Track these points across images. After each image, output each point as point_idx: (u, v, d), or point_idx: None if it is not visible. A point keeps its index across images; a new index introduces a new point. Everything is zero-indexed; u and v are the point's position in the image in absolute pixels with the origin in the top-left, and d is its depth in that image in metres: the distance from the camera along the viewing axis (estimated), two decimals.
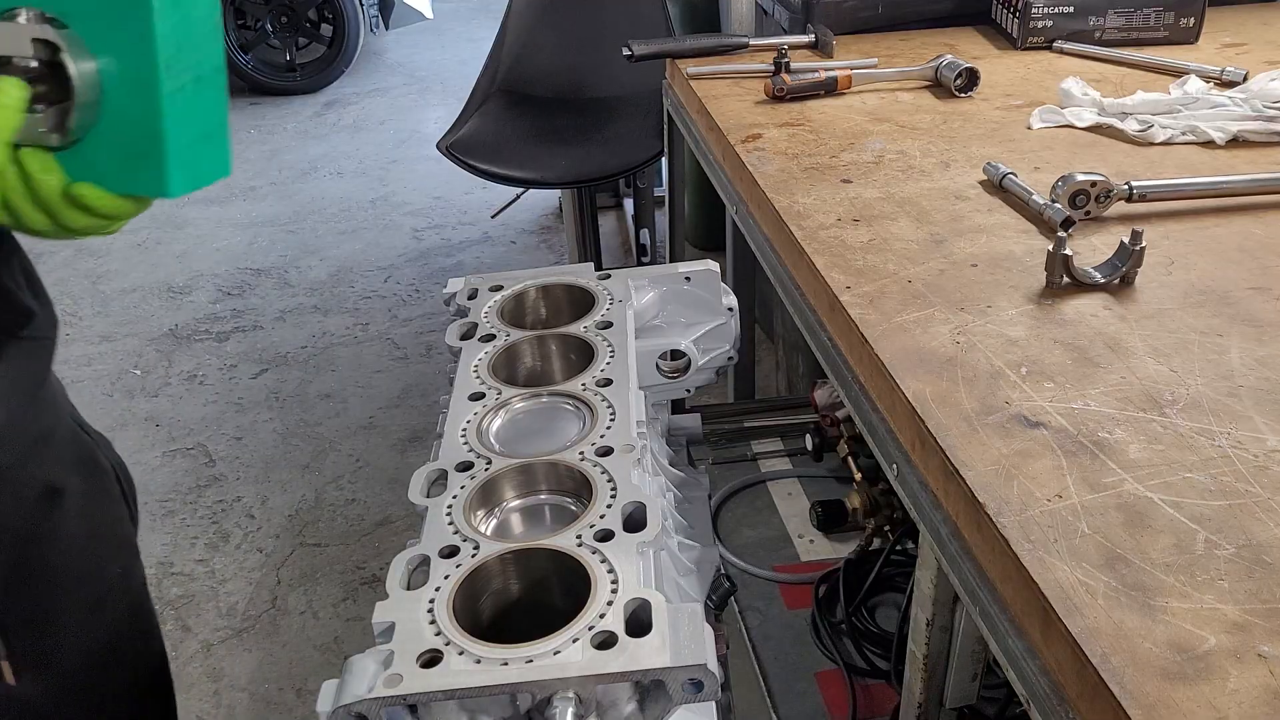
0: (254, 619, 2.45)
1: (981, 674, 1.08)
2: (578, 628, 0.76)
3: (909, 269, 1.22)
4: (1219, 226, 1.29)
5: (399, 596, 0.82)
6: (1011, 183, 1.38)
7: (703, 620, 0.77)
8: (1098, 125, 1.59)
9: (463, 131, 2.88)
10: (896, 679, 1.66)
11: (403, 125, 5.52)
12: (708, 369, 1.30)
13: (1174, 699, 0.68)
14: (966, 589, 0.89)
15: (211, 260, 4.06)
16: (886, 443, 1.05)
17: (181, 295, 3.83)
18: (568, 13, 3.11)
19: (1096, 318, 1.11)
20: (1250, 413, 0.94)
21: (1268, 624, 0.73)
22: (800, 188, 1.45)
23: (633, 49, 2.01)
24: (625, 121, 2.91)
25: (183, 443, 3.01)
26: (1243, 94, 1.60)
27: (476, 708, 0.75)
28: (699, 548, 1.13)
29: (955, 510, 0.92)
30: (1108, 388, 0.99)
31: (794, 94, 1.76)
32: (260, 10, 5.89)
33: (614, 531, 0.86)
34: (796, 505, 2.15)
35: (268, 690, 2.26)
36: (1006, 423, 0.95)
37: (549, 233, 4.22)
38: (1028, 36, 1.95)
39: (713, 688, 0.73)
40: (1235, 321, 1.08)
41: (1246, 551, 0.79)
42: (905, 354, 1.06)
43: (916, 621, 1.06)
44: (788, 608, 1.89)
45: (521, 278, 1.26)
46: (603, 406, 1.03)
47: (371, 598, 2.46)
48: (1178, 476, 0.87)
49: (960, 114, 1.69)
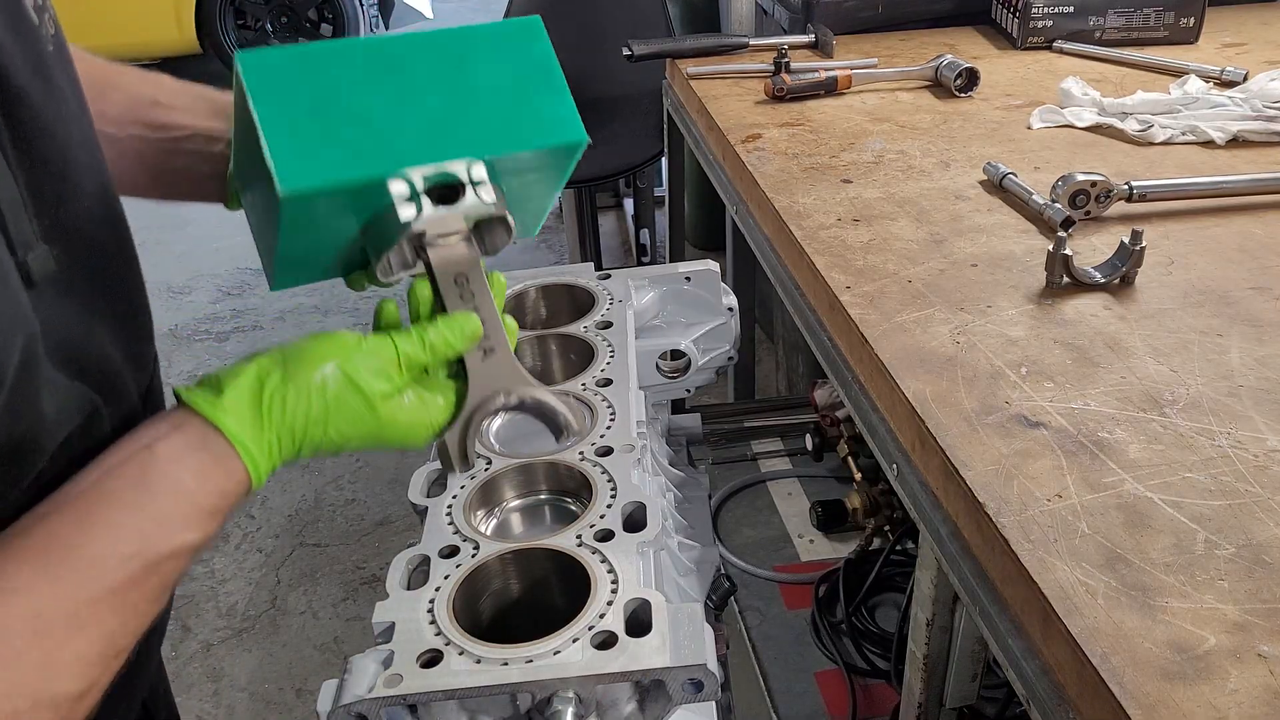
0: (254, 619, 2.45)
1: (981, 674, 1.08)
2: (578, 628, 0.76)
3: (909, 269, 1.22)
4: (1219, 226, 1.29)
5: (399, 596, 0.81)
6: (1011, 183, 1.38)
7: (703, 620, 0.77)
8: (1098, 125, 1.59)
9: None
10: (896, 679, 1.66)
11: None
12: (708, 369, 1.30)
13: (1174, 699, 0.68)
14: (966, 589, 0.89)
15: (211, 260, 4.06)
16: (886, 443, 1.05)
17: (181, 295, 3.83)
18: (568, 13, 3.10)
19: (1096, 318, 1.11)
20: (1250, 413, 0.94)
21: (1268, 624, 0.73)
22: (800, 188, 1.45)
23: (633, 49, 2.01)
24: (625, 121, 2.91)
25: None
26: (1243, 94, 1.60)
27: (476, 708, 0.75)
28: (699, 548, 1.13)
29: (955, 510, 0.92)
30: (1108, 388, 0.99)
31: (794, 94, 1.76)
32: (260, 10, 5.89)
33: (614, 531, 0.86)
34: (796, 505, 2.15)
35: (268, 690, 2.26)
36: (1006, 423, 0.95)
37: (549, 233, 4.22)
38: (1028, 36, 1.95)
39: (713, 688, 0.73)
40: (1235, 321, 1.08)
41: (1246, 551, 0.79)
42: (905, 354, 1.06)
43: (916, 621, 1.06)
44: (788, 608, 1.89)
45: (521, 278, 1.26)
46: (603, 406, 1.03)
47: (371, 598, 2.46)
48: (1178, 476, 0.87)
49: (960, 114, 1.69)
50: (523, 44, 0.74)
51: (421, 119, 0.71)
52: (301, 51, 0.69)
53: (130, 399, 0.70)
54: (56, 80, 0.64)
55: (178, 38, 5.69)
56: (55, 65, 0.65)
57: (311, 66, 0.68)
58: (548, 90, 0.75)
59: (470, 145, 0.72)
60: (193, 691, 2.25)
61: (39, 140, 0.60)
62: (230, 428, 0.63)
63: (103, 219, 0.68)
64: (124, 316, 0.70)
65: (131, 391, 0.70)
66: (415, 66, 0.71)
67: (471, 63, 0.73)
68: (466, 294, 0.73)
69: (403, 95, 0.70)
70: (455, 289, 0.73)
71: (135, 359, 0.72)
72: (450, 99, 0.72)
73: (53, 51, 0.65)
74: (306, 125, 0.67)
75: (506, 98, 0.73)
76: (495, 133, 0.73)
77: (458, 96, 0.72)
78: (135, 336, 0.72)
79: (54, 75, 0.64)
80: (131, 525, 0.59)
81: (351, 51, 0.70)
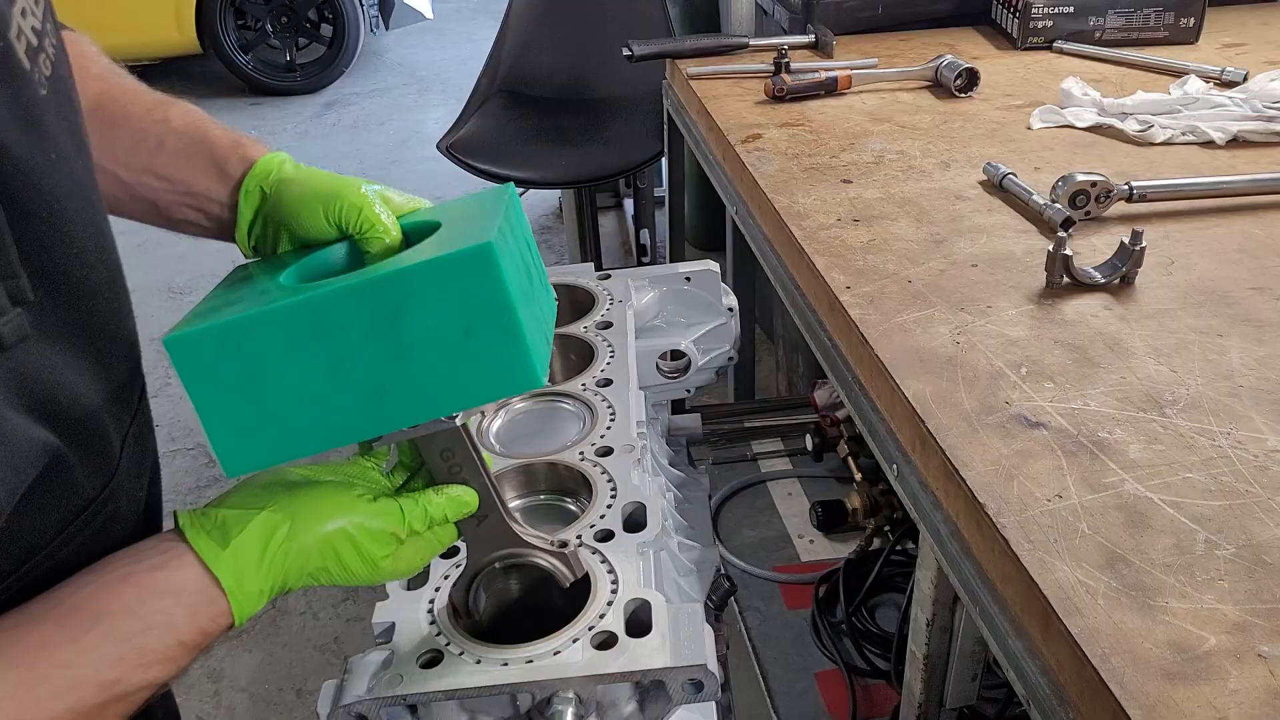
0: (254, 619, 2.44)
1: (981, 674, 1.08)
2: (578, 628, 0.76)
3: (909, 269, 1.22)
4: (1219, 226, 1.29)
5: (399, 596, 0.82)
6: (1011, 183, 1.38)
7: (703, 620, 0.77)
8: (1098, 125, 1.59)
9: (463, 131, 2.88)
10: (896, 679, 1.66)
11: (403, 125, 5.51)
12: (708, 369, 1.30)
13: (1174, 699, 0.68)
14: (966, 589, 0.89)
15: (212, 260, 4.05)
16: (886, 443, 1.05)
17: (181, 295, 3.83)
18: (568, 13, 3.10)
19: (1096, 318, 1.11)
20: (1250, 413, 0.94)
21: (1268, 624, 0.73)
22: (800, 188, 1.45)
23: (633, 49, 2.01)
24: (625, 121, 2.91)
25: (183, 443, 3.01)
26: (1243, 94, 1.60)
27: (476, 708, 0.75)
28: (699, 548, 1.13)
29: (955, 510, 0.91)
30: (1108, 388, 0.99)
31: (794, 94, 1.76)
32: (260, 10, 5.88)
33: (614, 531, 0.86)
34: (796, 505, 2.15)
35: (268, 690, 2.26)
36: (1006, 423, 0.95)
37: (549, 233, 4.22)
38: (1028, 36, 1.95)
39: (713, 688, 0.73)
40: (1235, 321, 1.08)
41: (1246, 551, 0.79)
42: (905, 354, 1.06)
43: (916, 621, 1.06)
44: (788, 608, 1.89)
45: None
46: (603, 407, 1.03)
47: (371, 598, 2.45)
48: (1178, 476, 0.87)
49: (960, 114, 1.69)
50: (469, 282, 0.64)
51: (359, 388, 0.66)
52: (224, 327, 0.65)
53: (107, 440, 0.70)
54: (48, 125, 0.62)
55: (178, 38, 5.68)
56: (49, 108, 0.63)
57: (236, 342, 0.64)
58: (499, 334, 0.66)
59: (416, 410, 0.67)
60: (193, 692, 2.25)
61: (24, 194, 0.59)
62: (229, 584, 0.64)
63: (95, 261, 0.67)
64: (111, 354, 0.70)
65: (110, 432, 0.70)
66: (347, 328, 0.65)
67: (410, 314, 0.64)
68: (454, 466, 0.73)
69: (335, 363, 0.65)
70: (443, 464, 0.73)
71: (119, 396, 0.72)
72: (388, 361, 0.65)
73: (46, 95, 0.63)
74: (240, 407, 0.65)
75: (451, 350, 0.65)
76: (440, 392, 0.67)
77: (396, 356, 0.65)
78: (121, 372, 0.72)
79: (45, 120, 0.62)
80: (117, 656, 0.61)
81: (276, 320, 0.64)
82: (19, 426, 0.59)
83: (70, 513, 0.66)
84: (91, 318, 0.67)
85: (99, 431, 0.68)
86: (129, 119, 0.82)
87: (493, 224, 0.66)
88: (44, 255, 0.61)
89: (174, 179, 0.82)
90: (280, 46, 6.02)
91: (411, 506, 0.70)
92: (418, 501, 0.71)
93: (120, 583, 0.63)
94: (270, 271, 0.74)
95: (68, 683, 0.58)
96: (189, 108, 0.84)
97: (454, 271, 0.64)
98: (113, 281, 0.70)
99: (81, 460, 0.66)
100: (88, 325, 0.67)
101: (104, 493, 0.69)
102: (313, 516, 0.67)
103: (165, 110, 0.83)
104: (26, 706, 0.57)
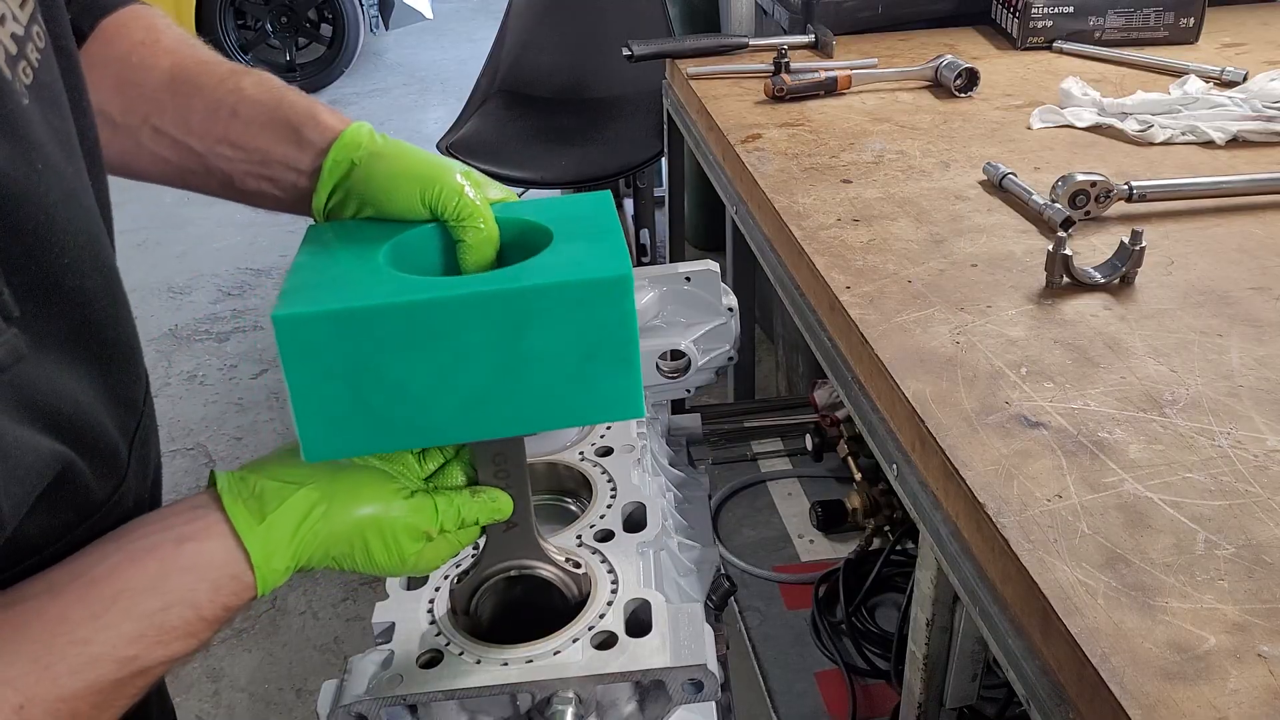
0: (254, 619, 2.45)
1: (981, 674, 1.08)
2: (578, 628, 0.76)
3: (909, 269, 1.22)
4: (1219, 226, 1.29)
5: (399, 596, 0.82)
6: (1011, 183, 1.38)
7: (703, 620, 0.77)
8: (1098, 125, 1.59)
9: (463, 131, 2.88)
10: (896, 679, 1.66)
11: (403, 125, 5.51)
12: (708, 369, 1.30)
13: (1174, 699, 0.68)
14: (966, 589, 0.89)
15: (211, 260, 4.06)
16: (886, 443, 1.05)
17: (181, 295, 3.83)
18: (568, 13, 3.11)
19: (1096, 318, 1.11)
20: (1250, 413, 0.94)
21: (1268, 624, 0.73)
22: (800, 188, 1.45)
23: (633, 49, 2.01)
24: (625, 121, 2.91)
25: (183, 443, 3.01)
26: (1243, 94, 1.60)
27: (476, 708, 0.75)
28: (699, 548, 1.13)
29: (955, 510, 0.92)
30: (1108, 388, 0.99)
31: (794, 94, 1.76)
32: (260, 10, 5.88)
33: (614, 531, 0.86)
34: (796, 505, 2.15)
35: (268, 690, 2.26)
36: (1006, 423, 0.95)
37: None
38: (1028, 36, 1.95)
39: (713, 688, 0.73)
40: (1235, 321, 1.08)
41: (1246, 551, 0.79)
42: (905, 354, 1.06)
43: (916, 621, 1.06)
44: (788, 608, 1.89)
45: None
46: None
47: (371, 598, 2.46)
48: (1178, 476, 0.87)
49: (960, 114, 1.69)
50: (601, 308, 0.63)
51: (464, 393, 0.64)
52: (341, 314, 0.62)
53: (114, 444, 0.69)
54: (33, 135, 0.60)
55: None
56: (32, 117, 0.61)
57: (350, 330, 0.62)
58: (617, 363, 0.64)
59: (513, 423, 0.66)
60: (192, 691, 2.25)
61: (7, 208, 0.57)
62: (258, 559, 0.63)
63: (89, 269, 0.66)
64: (111, 359, 0.69)
65: (116, 436, 0.70)
66: (468, 333, 0.63)
67: (534, 330, 0.63)
68: (501, 471, 0.72)
69: (447, 366, 0.63)
70: (492, 467, 0.72)
71: (123, 399, 0.71)
72: (500, 372, 0.64)
73: (29, 105, 0.61)
74: (337, 395, 0.63)
75: (565, 370, 0.64)
76: (542, 410, 0.66)
77: (509, 369, 0.64)
78: (123, 376, 0.72)
79: (30, 130, 0.60)
80: (137, 633, 0.60)
81: (398, 314, 0.62)
82: (24, 440, 0.58)
83: (81, 516, 0.65)
84: (88, 325, 0.67)
85: (106, 436, 0.68)
86: (201, 90, 0.80)
87: (620, 247, 0.65)
88: (33, 268, 0.60)
89: (249, 147, 0.79)
90: (280, 46, 6.02)
91: (446, 506, 0.69)
92: (452, 502, 0.70)
93: (144, 555, 0.61)
94: (357, 242, 0.72)
95: (86, 660, 0.58)
96: (264, 75, 0.82)
97: (589, 295, 0.63)
98: (109, 287, 0.70)
99: (91, 466, 0.66)
100: (85, 333, 0.66)
101: (115, 495, 0.69)
102: (350, 501, 0.66)
103: (239, 79, 0.81)
104: (43, 683, 0.56)
